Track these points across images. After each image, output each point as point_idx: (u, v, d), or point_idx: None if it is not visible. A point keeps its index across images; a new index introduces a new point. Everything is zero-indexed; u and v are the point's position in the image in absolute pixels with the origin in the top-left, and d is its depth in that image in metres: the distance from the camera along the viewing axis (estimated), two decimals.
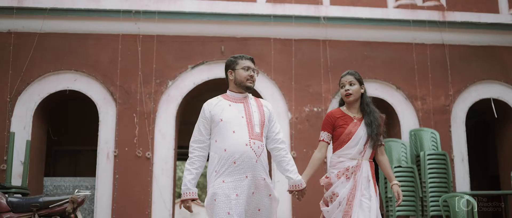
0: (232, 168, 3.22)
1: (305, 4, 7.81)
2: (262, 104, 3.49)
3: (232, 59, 3.49)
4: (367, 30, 7.79)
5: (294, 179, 3.42)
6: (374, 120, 3.65)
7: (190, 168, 3.34)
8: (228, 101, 3.41)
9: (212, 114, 3.35)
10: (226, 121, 3.29)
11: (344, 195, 3.53)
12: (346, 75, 3.75)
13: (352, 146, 3.60)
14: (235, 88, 3.45)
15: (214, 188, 3.21)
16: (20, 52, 7.15)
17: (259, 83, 7.54)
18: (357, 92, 3.71)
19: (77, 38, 7.33)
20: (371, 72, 7.72)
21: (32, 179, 7.03)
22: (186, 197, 3.30)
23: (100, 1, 7.42)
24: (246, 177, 3.22)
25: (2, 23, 7.17)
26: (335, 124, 3.69)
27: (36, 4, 7.25)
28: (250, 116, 3.35)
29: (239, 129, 3.27)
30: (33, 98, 7.12)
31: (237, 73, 3.42)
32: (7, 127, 6.91)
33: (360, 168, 3.56)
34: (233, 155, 3.22)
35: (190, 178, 3.32)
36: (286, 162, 3.44)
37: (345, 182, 3.56)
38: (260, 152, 3.29)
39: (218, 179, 3.22)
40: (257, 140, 3.29)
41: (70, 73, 7.27)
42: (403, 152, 7.13)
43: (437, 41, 7.88)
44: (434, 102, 7.68)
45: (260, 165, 3.28)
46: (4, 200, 5.09)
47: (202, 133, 3.37)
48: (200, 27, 7.56)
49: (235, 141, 3.23)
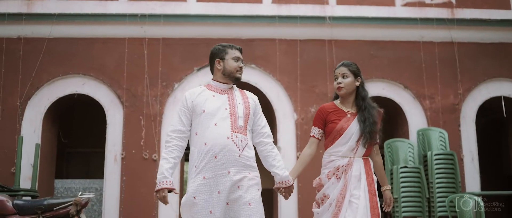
0: (213, 163, 3.01)
1: (311, 4, 7.79)
2: (247, 96, 3.30)
3: (220, 48, 3.26)
4: (373, 29, 7.72)
5: (281, 175, 3.24)
6: (369, 116, 3.38)
7: (167, 157, 3.08)
8: (212, 92, 3.21)
9: (195, 104, 3.15)
10: (208, 112, 3.10)
11: (334, 197, 3.32)
12: (340, 66, 3.50)
13: (343, 143, 3.37)
14: (222, 79, 3.24)
15: (194, 186, 3.01)
16: (30, 58, 7.30)
17: (265, 84, 7.56)
18: (350, 86, 3.44)
19: (85, 42, 7.45)
20: (378, 72, 7.65)
21: (43, 181, 7.18)
22: (161, 186, 3.01)
23: (106, 5, 7.53)
24: (228, 172, 3.01)
25: (12, 29, 7.33)
26: (327, 118, 3.46)
27: (45, 10, 7.39)
28: (234, 107, 3.16)
29: (221, 122, 3.08)
30: (42, 102, 7.26)
31: (226, 63, 3.21)
32: (18, 131, 7.07)
33: (351, 167, 3.34)
34: (213, 149, 3.02)
35: (167, 166, 3.05)
36: (272, 157, 3.25)
37: (335, 183, 3.36)
38: (244, 146, 3.09)
39: (198, 175, 3.02)
40: (240, 133, 3.10)
41: (78, 77, 7.39)
42: (410, 152, 7.04)
43: (446, 39, 7.76)
44: (443, 101, 7.56)
45: (245, 159, 3.08)
46: (10, 202, 5.20)
47: (183, 123, 3.15)
48: (206, 29, 7.60)
49: (216, 134, 3.04)
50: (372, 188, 3.34)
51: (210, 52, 3.31)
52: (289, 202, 6.97)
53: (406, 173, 6.65)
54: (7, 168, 6.90)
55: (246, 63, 7.56)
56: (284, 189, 3.30)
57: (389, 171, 6.94)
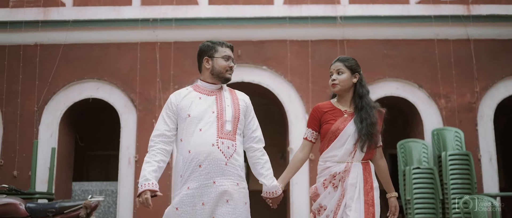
0: (198, 172, 2.79)
1: (322, 4, 7.73)
2: (237, 98, 3.04)
3: (210, 45, 3.02)
4: (386, 28, 7.61)
5: (268, 185, 2.99)
6: (366, 117, 3.05)
7: (150, 160, 2.84)
8: (199, 93, 2.97)
9: (180, 108, 2.92)
10: (194, 116, 2.87)
11: (332, 208, 3.01)
12: (335, 62, 3.20)
13: (339, 146, 3.05)
14: (210, 79, 3.00)
15: (178, 196, 2.80)
16: (46, 64, 7.49)
17: (276, 85, 7.55)
18: (346, 82, 3.13)
19: (99, 48, 7.60)
20: (391, 71, 7.53)
21: (60, 184, 7.36)
22: (143, 188, 2.75)
23: (120, 10, 7.66)
24: (214, 182, 2.78)
25: (29, 37, 7.54)
26: (322, 119, 3.14)
27: (60, 17, 7.57)
28: (222, 110, 2.91)
29: (207, 127, 2.85)
30: (59, 107, 7.45)
31: (215, 62, 2.97)
32: (35, 135, 7.26)
33: (349, 173, 3.01)
34: (197, 157, 2.79)
35: (150, 169, 2.81)
36: (261, 164, 3.00)
37: (332, 192, 3.04)
38: (231, 152, 2.85)
39: (183, 186, 2.81)
40: (228, 139, 2.86)
41: (93, 82, 7.54)
42: (424, 152, 6.91)
43: (462, 36, 7.57)
44: (459, 100, 7.39)
45: (232, 168, 2.84)
46: (22, 206, 5.35)
47: (168, 126, 2.92)
48: (217, 32, 7.63)
49: (200, 140, 2.81)
50: (370, 197, 2.99)
51: (198, 49, 3.06)
52: (301, 202, 6.95)
53: (419, 174, 6.53)
54: (25, 172, 7.11)
55: (258, 65, 7.58)
56: (271, 199, 3.07)
57: (402, 172, 6.83)
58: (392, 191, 3.19)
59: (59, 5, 7.65)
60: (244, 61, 7.59)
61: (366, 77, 8.09)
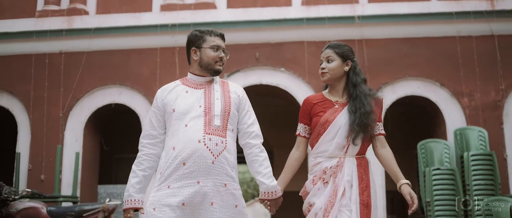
0: (181, 170, 2.56)
1: (340, 4, 7.66)
2: (229, 90, 2.80)
3: (197, 34, 2.79)
4: (406, 26, 7.47)
5: (267, 184, 2.70)
6: (360, 106, 2.81)
7: (135, 169, 2.69)
8: (187, 86, 2.76)
9: (164, 103, 2.72)
10: (179, 111, 2.66)
11: (320, 205, 2.75)
12: (325, 49, 2.97)
13: (329, 140, 2.82)
14: (199, 71, 2.78)
15: (155, 195, 2.58)
16: (70, 71, 7.73)
17: (294, 87, 7.53)
18: (336, 70, 2.91)
19: (120, 54, 7.79)
20: (412, 70, 7.39)
21: (86, 188, 7.59)
22: (127, 206, 2.64)
23: (140, 17, 7.83)
24: (198, 182, 2.55)
25: (54, 45, 7.80)
26: (312, 111, 2.92)
27: (83, 25, 7.80)
28: (210, 104, 2.69)
29: (193, 122, 2.63)
30: (83, 113, 7.67)
31: (203, 52, 2.75)
32: (61, 140, 7.51)
33: (342, 169, 2.78)
34: (181, 154, 2.57)
35: (133, 181, 2.66)
36: (259, 162, 2.72)
37: (322, 189, 2.80)
38: (220, 150, 2.61)
39: (162, 184, 2.58)
40: (216, 135, 2.62)
41: (115, 88, 7.73)
42: (446, 153, 6.74)
43: (485, 32, 7.34)
44: (483, 99, 7.17)
45: (220, 167, 2.60)
46: (44, 209, 5.55)
47: (154, 126, 2.73)
48: (235, 36, 7.67)
49: (186, 136, 2.59)
50: (365, 197, 2.75)
51: (186, 40, 2.86)
52: None
53: (439, 175, 6.38)
54: (52, 176, 7.34)
55: (276, 67, 7.59)
56: (269, 202, 2.76)
57: (422, 173, 6.69)
58: (403, 178, 2.79)
59: (82, 14, 7.88)
60: (262, 63, 7.61)
61: (386, 77, 8.01)
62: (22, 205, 5.37)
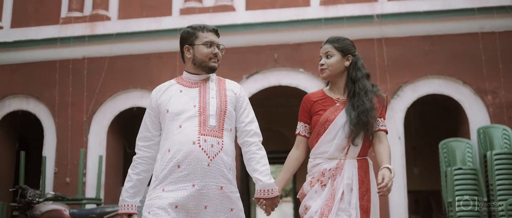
0: (176, 173, 2.48)
1: (359, 3, 7.60)
2: (226, 88, 2.69)
3: (190, 31, 2.68)
4: (426, 23, 7.37)
5: (264, 181, 2.56)
6: (360, 104, 2.67)
7: (130, 173, 2.64)
8: (181, 85, 2.66)
9: (159, 103, 2.63)
10: (172, 111, 2.57)
11: (316, 209, 2.63)
12: (324, 44, 2.84)
13: (328, 140, 2.70)
14: (193, 69, 2.68)
15: (150, 198, 2.52)
16: (93, 76, 7.92)
17: (314, 88, 7.49)
18: (336, 66, 2.76)
19: (142, 58, 7.93)
20: (433, 68, 7.27)
21: (109, 190, 7.75)
22: (122, 211, 2.61)
23: (160, 21, 7.95)
24: (193, 185, 2.47)
25: (77, 51, 8.00)
26: (312, 109, 2.80)
27: (105, 30, 7.98)
28: (205, 104, 2.59)
29: (187, 123, 2.54)
30: (106, 116, 7.84)
31: (196, 50, 2.64)
32: (85, 144, 7.70)
33: (342, 171, 2.65)
34: (176, 157, 2.49)
35: (128, 186, 2.62)
36: (256, 159, 2.60)
37: (320, 191, 2.67)
38: (216, 151, 2.52)
39: (157, 187, 2.51)
40: (211, 135, 2.53)
41: (137, 91, 7.87)
42: (468, 152, 6.60)
43: (509, 28, 7.17)
44: (508, 96, 6.99)
45: (216, 170, 2.51)
46: (67, 211, 5.70)
47: (148, 128, 2.66)
48: (254, 37, 7.73)
49: (180, 138, 2.51)
50: (364, 201, 2.63)
51: (179, 38, 2.77)
52: None
53: (461, 175, 6.24)
54: (77, 178, 7.53)
55: (295, 68, 7.58)
56: (265, 201, 2.60)
57: (443, 173, 6.57)
58: (386, 164, 2.58)
59: (104, 20, 8.06)
60: (281, 64, 7.62)
61: (407, 75, 7.90)
62: (45, 207, 5.53)
